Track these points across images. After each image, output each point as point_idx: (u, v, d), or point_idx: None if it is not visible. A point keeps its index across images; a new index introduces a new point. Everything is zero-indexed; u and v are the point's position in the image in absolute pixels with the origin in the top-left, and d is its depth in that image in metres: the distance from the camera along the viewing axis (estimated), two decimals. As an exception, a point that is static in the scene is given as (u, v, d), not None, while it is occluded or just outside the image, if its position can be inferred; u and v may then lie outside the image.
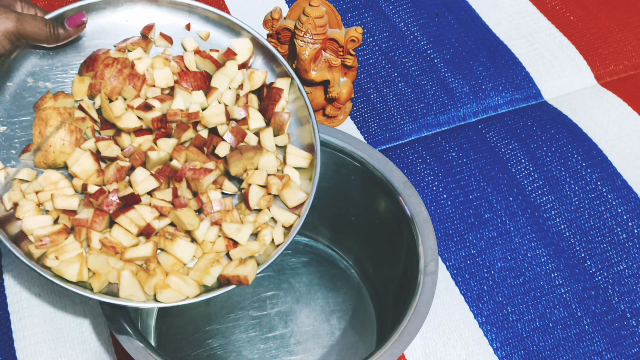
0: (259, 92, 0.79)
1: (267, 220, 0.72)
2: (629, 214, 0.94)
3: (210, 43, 0.80)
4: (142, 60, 0.76)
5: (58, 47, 0.75)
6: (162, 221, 0.69)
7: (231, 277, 0.66)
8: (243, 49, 0.79)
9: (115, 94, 0.75)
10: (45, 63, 0.75)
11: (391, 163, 0.80)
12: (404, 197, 0.78)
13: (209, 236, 0.70)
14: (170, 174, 0.71)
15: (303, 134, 0.78)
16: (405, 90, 1.08)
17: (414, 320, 0.69)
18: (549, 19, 1.19)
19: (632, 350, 0.84)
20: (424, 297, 0.70)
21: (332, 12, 0.91)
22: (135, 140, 0.73)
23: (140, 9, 0.78)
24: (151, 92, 0.75)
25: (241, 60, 0.78)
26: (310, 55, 0.90)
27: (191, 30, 0.80)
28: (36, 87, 0.74)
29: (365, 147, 0.82)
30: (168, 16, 0.79)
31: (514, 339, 0.84)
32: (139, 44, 0.78)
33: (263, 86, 0.79)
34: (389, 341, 0.67)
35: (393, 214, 0.79)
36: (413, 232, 0.76)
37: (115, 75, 0.74)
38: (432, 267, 0.72)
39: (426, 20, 1.17)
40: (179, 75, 0.76)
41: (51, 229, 0.67)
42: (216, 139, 0.74)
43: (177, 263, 0.68)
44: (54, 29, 0.72)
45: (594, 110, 1.06)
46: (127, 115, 0.73)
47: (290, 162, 0.76)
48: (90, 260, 0.66)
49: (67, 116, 0.72)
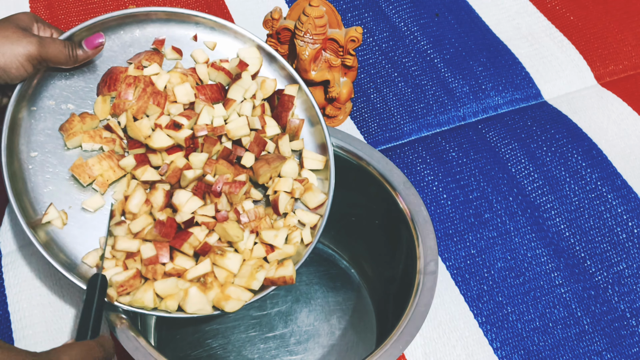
0: (269, 98, 0.81)
1: (295, 223, 0.76)
2: (629, 214, 0.94)
3: (217, 52, 0.82)
4: (160, 77, 0.78)
5: (75, 68, 0.76)
6: (212, 237, 0.72)
7: (276, 279, 0.71)
8: (253, 59, 0.81)
9: (141, 113, 0.76)
10: (65, 84, 0.76)
11: (391, 163, 0.81)
12: (404, 197, 0.78)
13: (249, 244, 0.73)
14: (206, 189, 0.74)
15: (314, 135, 0.81)
16: (405, 90, 1.08)
17: (413, 320, 0.69)
18: (549, 19, 1.19)
19: (632, 350, 0.84)
20: (424, 297, 0.71)
21: (332, 12, 0.91)
22: (167, 158, 0.75)
23: (147, 23, 0.80)
24: (174, 108, 0.77)
25: (253, 70, 0.81)
26: (310, 55, 0.90)
27: (198, 40, 0.81)
28: (59, 109, 0.75)
29: (365, 147, 0.82)
30: (174, 28, 0.81)
31: (514, 338, 0.84)
32: (152, 59, 0.79)
33: (273, 93, 0.81)
34: (389, 341, 0.67)
35: (393, 214, 0.80)
36: (413, 232, 0.76)
37: (141, 95, 0.76)
38: (432, 267, 0.73)
39: (426, 20, 1.17)
40: (196, 89, 0.78)
41: (127, 275, 0.69)
42: (239, 149, 0.77)
43: (229, 274, 0.71)
44: (73, 50, 0.73)
45: (593, 110, 1.06)
46: (157, 135, 0.74)
47: (308, 165, 0.79)
48: (159, 287, 0.69)
49: (99, 139, 0.74)
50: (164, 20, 0.80)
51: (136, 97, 0.76)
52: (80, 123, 0.74)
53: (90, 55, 0.75)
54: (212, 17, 0.80)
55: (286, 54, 0.96)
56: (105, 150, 0.74)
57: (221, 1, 1.19)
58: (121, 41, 0.79)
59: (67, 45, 0.72)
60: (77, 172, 0.72)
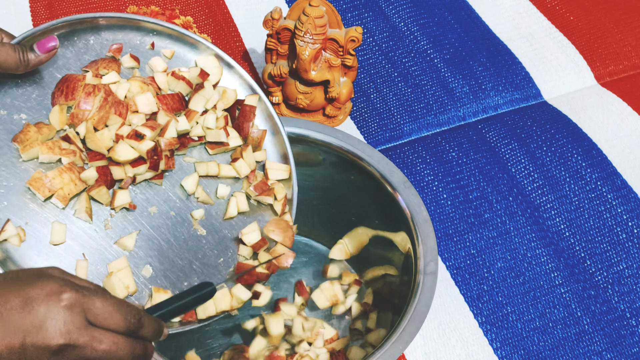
0: (229, 109, 0.80)
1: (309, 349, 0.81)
2: (629, 214, 0.94)
3: (174, 61, 0.79)
4: (120, 86, 0.74)
5: (27, 75, 0.72)
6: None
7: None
8: (213, 68, 0.79)
9: (102, 124, 0.72)
10: (16, 93, 0.71)
11: (391, 163, 0.81)
12: (404, 196, 0.78)
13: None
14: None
15: (276, 146, 0.80)
16: (405, 90, 1.08)
17: (414, 320, 0.69)
18: (548, 19, 1.19)
19: (632, 350, 0.84)
20: (424, 297, 0.71)
21: (332, 12, 0.91)
22: (130, 171, 0.72)
23: (102, 30, 0.77)
24: (136, 118, 0.74)
25: (214, 80, 0.79)
26: (310, 55, 0.90)
27: (155, 48, 0.79)
28: (10, 119, 0.71)
29: (365, 147, 0.82)
30: (130, 35, 0.78)
31: (514, 338, 0.84)
32: (110, 67, 0.75)
33: (233, 104, 0.80)
34: (389, 341, 0.67)
35: (392, 214, 0.80)
36: (413, 232, 0.76)
37: (102, 105, 0.72)
38: (432, 267, 0.73)
39: (426, 20, 1.17)
40: (158, 99, 0.75)
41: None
42: (257, 293, 0.74)
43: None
44: (24, 54, 0.68)
45: (593, 110, 1.06)
46: (121, 147, 0.71)
47: (272, 176, 0.78)
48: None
49: (58, 151, 0.70)
50: (119, 26, 0.77)
51: (97, 107, 0.72)
52: (37, 134, 0.69)
53: (43, 59, 0.70)
54: (169, 25, 0.78)
55: (286, 54, 0.96)
56: (65, 163, 0.70)
57: (221, 1, 1.19)
58: (75, 48, 0.75)
59: (17, 49, 0.68)
60: (36, 185, 0.68)
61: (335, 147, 0.82)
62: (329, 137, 0.82)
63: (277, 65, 0.96)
